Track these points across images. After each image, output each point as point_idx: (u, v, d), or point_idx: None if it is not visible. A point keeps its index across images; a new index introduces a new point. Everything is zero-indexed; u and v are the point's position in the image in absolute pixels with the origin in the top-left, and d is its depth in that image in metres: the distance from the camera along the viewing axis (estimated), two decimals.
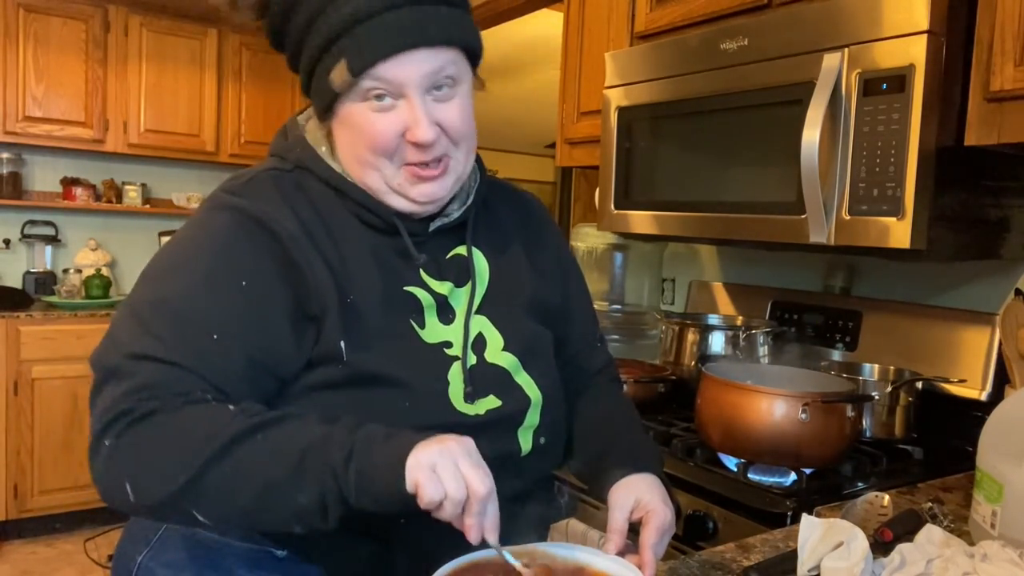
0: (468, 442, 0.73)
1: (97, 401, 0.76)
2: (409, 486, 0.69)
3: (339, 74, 0.80)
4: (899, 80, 1.27)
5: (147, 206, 3.87)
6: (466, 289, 0.93)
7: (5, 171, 3.49)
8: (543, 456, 0.95)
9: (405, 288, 0.88)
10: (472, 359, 0.90)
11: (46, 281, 3.60)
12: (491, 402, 0.89)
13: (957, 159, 1.31)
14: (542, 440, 0.94)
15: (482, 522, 0.71)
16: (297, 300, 0.81)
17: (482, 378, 0.89)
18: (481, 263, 0.96)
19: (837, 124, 1.35)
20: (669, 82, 1.70)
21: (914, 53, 1.25)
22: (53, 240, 3.71)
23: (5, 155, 3.49)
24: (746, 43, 1.52)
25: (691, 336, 1.89)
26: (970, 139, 1.27)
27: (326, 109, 0.85)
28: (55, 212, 3.73)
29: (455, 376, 0.88)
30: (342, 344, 0.82)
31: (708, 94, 1.61)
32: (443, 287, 0.91)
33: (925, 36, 1.24)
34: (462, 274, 0.93)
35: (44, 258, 3.68)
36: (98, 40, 3.53)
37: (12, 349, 3.15)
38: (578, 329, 1.09)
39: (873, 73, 1.31)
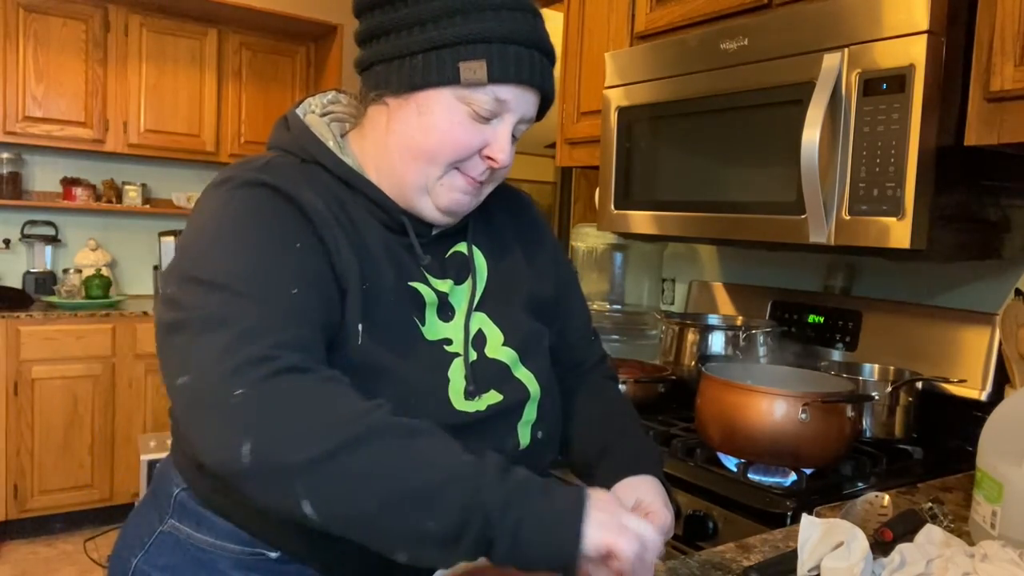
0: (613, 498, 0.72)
1: (199, 350, 0.70)
2: (595, 547, 0.66)
3: (474, 71, 0.83)
4: (899, 80, 1.27)
5: (147, 206, 3.87)
6: (465, 287, 0.94)
7: (5, 171, 3.49)
8: (541, 450, 0.96)
9: (410, 284, 0.89)
10: (473, 355, 0.90)
11: (46, 281, 3.60)
12: (493, 397, 0.90)
13: (957, 159, 1.31)
14: (540, 434, 0.95)
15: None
16: (331, 274, 0.81)
17: (483, 373, 0.90)
18: (480, 261, 0.97)
19: (837, 124, 1.35)
20: (669, 82, 1.70)
21: (914, 53, 1.25)
22: (53, 240, 3.71)
23: (5, 155, 3.49)
24: (746, 43, 1.52)
25: (691, 336, 1.89)
26: (970, 139, 1.27)
27: (409, 88, 0.85)
28: (55, 212, 3.73)
29: (456, 373, 0.88)
30: (360, 327, 0.81)
31: (708, 94, 1.61)
32: (444, 285, 0.91)
33: (925, 36, 1.24)
34: (462, 272, 0.94)
35: (44, 258, 3.68)
36: (98, 40, 3.53)
37: (12, 349, 3.14)
38: (573, 323, 1.09)
39: (873, 73, 1.31)
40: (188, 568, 0.86)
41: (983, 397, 1.53)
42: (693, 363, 1.86)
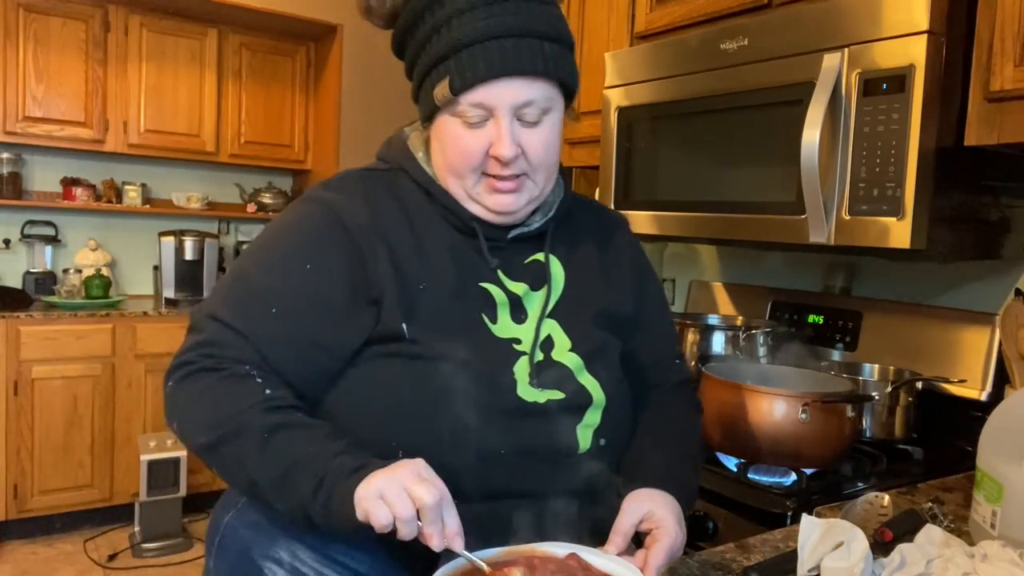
0: (419, 463, 0.77)
1: (183, 345, 0.90)
2: (360, 516, 0.74)
3: (441, 91, 0.89)
4: (899, 80, 1.27)
5: (147, 206, 3.86)
6: (541, 293, 0.98)
7: (5, 171, 3.49)
8: (602, 457, 0.95)
9: (480, 284, 0.94)
10: (539, 356, 0.94)
11: (46, 281, 3.60)
12: (553, 394, 0.92)
13: (957, 159, 1.31)
14: (602, 441, 0.95)
15: (441, 529, 0.74)
16: (358, 286, 0.90)
17: (547, 373, 0.93)
18: (557, 270, 1.00)
19: (837, 124, 1.35)
20: (669, 82, 1.70)
21: (914, 53, 1.25)
22: (53, 240, 3.71)
23: (5, 155, 3.49)
24: (746, 43, 1.52)
25: (691, 336, 1.89)
26: (970, 139, 1.27)
27: (427, 118, 0.96)
28: (55, 212, 3.72)
29: (521, 369, 0.92)
30: (404, 326, 0.89)
31: (708, 94, 1.61)
32: (518, 288, 0.96)
33: (925, 36, 1.24)
34: (538, 279, 0.98)
35: (44, 258, 3.68)
36: (98, 40, 3.53)
37: (12, 349, 3.14)
38: (653, 344, 1.10)
39: (873, 73, 1.31)
40: (273, 525, 0.90)
41: (983, 397, 1.53)
42: (693, 363, 1.86)
